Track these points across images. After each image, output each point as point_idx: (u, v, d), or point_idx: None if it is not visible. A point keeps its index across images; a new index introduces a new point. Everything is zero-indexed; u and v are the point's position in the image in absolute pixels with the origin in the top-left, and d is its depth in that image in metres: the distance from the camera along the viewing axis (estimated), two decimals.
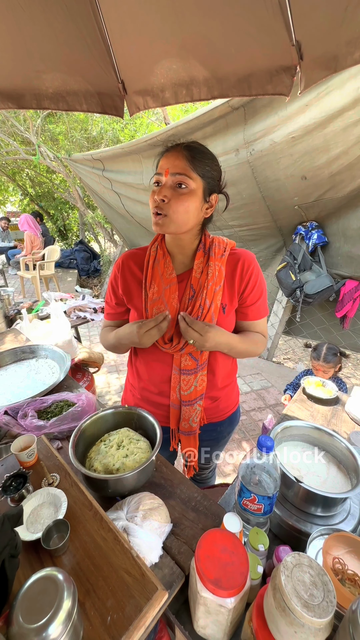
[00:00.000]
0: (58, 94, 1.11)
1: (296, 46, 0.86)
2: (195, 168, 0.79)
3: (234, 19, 0.85)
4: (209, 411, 1.03)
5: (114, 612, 0.45)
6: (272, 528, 0.73)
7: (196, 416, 0.98)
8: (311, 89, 1.64)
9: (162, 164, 0.82)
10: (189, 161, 0.79)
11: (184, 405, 0.96)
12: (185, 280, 0.91)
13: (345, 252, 2.48)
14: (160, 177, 0.80)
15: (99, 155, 3.54)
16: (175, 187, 0.78)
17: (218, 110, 2.09)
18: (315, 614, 0.37)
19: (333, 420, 1.16)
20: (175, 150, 0.81)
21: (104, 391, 2.95)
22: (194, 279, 0.89)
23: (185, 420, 0.98)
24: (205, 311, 0.87)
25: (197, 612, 0.53)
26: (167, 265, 0.90)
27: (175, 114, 5.70)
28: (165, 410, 1.01)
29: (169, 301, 0.88)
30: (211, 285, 0.87)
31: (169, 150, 0.82)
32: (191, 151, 0.81)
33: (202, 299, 0.87)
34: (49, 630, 0.36)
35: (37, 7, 0.87)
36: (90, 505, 0.62)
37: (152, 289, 0.89)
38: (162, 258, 0.91)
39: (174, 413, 0.99)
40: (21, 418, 0.95)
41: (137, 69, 1.07)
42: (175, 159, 0.79)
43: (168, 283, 0.89)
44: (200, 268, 0.89)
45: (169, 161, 0.79)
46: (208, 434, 1.07)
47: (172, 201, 0.78)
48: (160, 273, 0.90)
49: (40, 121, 5.68)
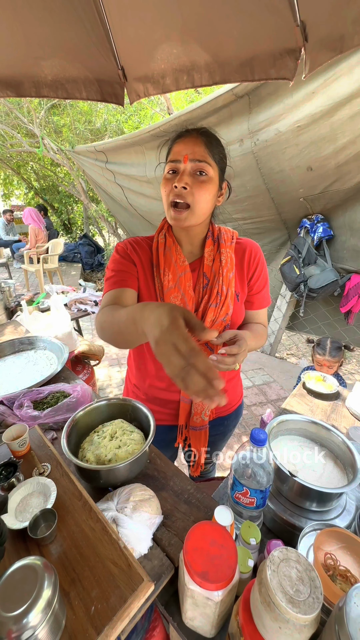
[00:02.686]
0: (57, 81, 1.09)
1: (301, 27, 0.83)
2: (213, 155, 0.77)
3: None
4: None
5: (99, 602, 0.45)
6: (266, 522, 0.72)
7: (208, 409, 0.97)
8: (316, 74, 1.61)
9: (178, 149, 0.77)
10: (207, 147, 0.76)
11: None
12: (197, 269, 0.89)
13: (351, 246, 2.42)
14: (178, 164, 0.75)
15: (102, 147, 3.51)
16: (195, 174, 0.75)
17: (222, 99, 2.04)
18: (301, 610, 0.36)
19: (333, 415, 1.14)
20: (191, 136, 0.77)
21: (105, 384, 2.96)
22: (206, 267, 0.87)
23: (197, 414, 0.97)
24: (223, 298, 0.85)
25: (185, 604, 0.53)
26: (178, 252, 0.87)
27: (179, 104, 5.62)
28: (174, 408, 0.99)
29: (185, 290, 0.85)
30: (225, 271, 0.86)
31: (184, 136, 0.78)
32: (208, 137, 0.78)
33: (219, 286, 0.85)
34: (27, 618, 0.35)
35: None
36: (80, 495, 0.61)
37: (166, 277, 0.85)
38: (172, 245, 0.87)
39: (185, 408, 0.97)
40: (17, 408, 0.95)
41: (137, 55, 1.05)
42: (194, 144, 0.75)
43: (182, 270, 0.86)
44: (211, 256, 0.87)
45: (187, 147, 0.75)
46: (216, 429, 1.07)
47: (194, 189, 0.74)
48: (173, 260, 0.86)
49: (43, 113, 5.64)
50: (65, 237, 9.10)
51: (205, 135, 0.78)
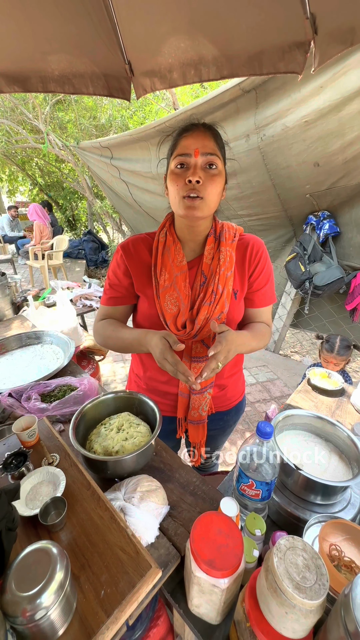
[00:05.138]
0: (64, 76, 1.09)
1: (310, 19, 0.82)
2: (220, 148, 0.78)
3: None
4: (216, 400, 1.02)
5: (108, 587, 0.46)
6: (271, 515, 0.73)
7: (205, 404, 0.97)
8: (325, 68, 1.59)
9: (186, 143, 0.76)
10: (216, 140, 0.77)
11: (193, 393, 0.95)
12: (195, 267, 0.89)
13: (358, 243, 2.40)
14: (188, 157, 0.75)
15: (107, 143, 3.50)
16: (206, 167, 0.75)
17: (229, 94, 2.03)
18: (307, 595, 0.37)
19: (337, 411, 1.14)
20: (199, 130, 0.77)
21: (109, 379, 2.98)
22: (204, 265, 0.87)
23: (195, 409, 0.97)
24: (218, 297, 0.85)
25: (192, 592, 0.54)
26: (177, 251, 0.88)
27: (185, 100, 5.58)
28: (173, 400, 1.00)
29: (181, 288, 0.86)
30: (223, 270, 0.86)
31: (191, 130, 0.78)
32: (214, 131, 0.79)
33: (215, 285, 0.85)
34: (41, 598, 0.36)
35: None
36: (89, 485, 0.63)
37: (162, 276, 0.87)
38: (172, 244, 0.88)
39: (183, 402, 0.98)
40: (25, 400, 0.96)
41: (144, 49, 1.04)
42: (204, 138, 0.76)
43: (179, 270, 0.87)
44: (210, 254, 0.88)
45: (197, 140, 0.75)
46: (215, 423, 1.07)
47: (207, 183, 0.75)
48: (170, 260, 0.87)
49: (48, 109, 5.63)
50: (70, 233, 9.13)
51: (211, 129, 0.79)
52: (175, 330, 0.87)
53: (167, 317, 0.86)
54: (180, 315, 0.86)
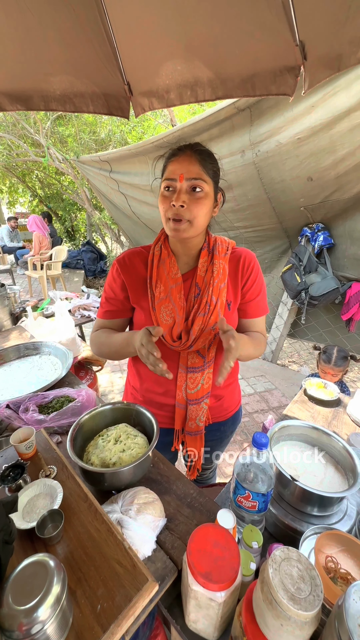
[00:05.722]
0: (65, 95, 1.13)
1: (300, 46, 0.86)
2: (207, 171, 0.80)
3: (238, 20, 0.86)
4: (213, 410, 1.03)
5: (104, 601, 0.46)
6: (268, 527, 0.73)
7: (202, 415, 0.98)
8: (316, 89, 1.66)
9: (173, 168, 0.80)
10: (201, 165, 0.79)
11: (190, 404, 0.96)
12: (190, 279, 0.92)
13: (352, 254, 2.45)
14: (174, 182, 0.79)
15: (106, 157, 3.58)
16: (190, 191, 0.78)
17: (224, 112, 2.10)
18: (302, 607, 0.37)
19: (334, 421, 1.15)
20: (185, 155, 0.80)
21: (107, 390, 2.97)
22: (199, 277, 0.90)
23: (192, 419, 0.98)
24: (211, 308, 0.88)
25: (189, 606, 0.53)
26: (172, 264, 0.91)
27: (182, 116, 5.73)
28: (170, 411, 1.01)
29: (176, 300, 0.89)
30: (216, 282, 0.88)
31: (178, 154, 0.81)
32: (201, 154, 0.81)
33: (209, 296, 0.87)
34: (37, 612, 0.36)
35: (46, 11, 0.89)
36: (86, 497, 0.63)
37: (158, 289, 0.89)
38: (167, 257, 0.91)
39: (180, 413, 0.99)
40: (22, 412, 0.96)
41: (142, 71, 1.09)
42: (189, 163, 0.79)
43: (174, 282, 0.89)
44: (204, 267, 0.90)
45: (182, 166, 0.79)
46: (212, 434, 1.07)
47: (192, 206, 0.78)
48: (165, 272, 0.90)
49: (49, 124, 5.77)
50: (69, 244, 9.20)
51: (198, 152, 0.81)
52: (171, 341, 0.89)
53: (163, 329, 0.88)
54: (176, 326, 0.88)
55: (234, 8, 0.83)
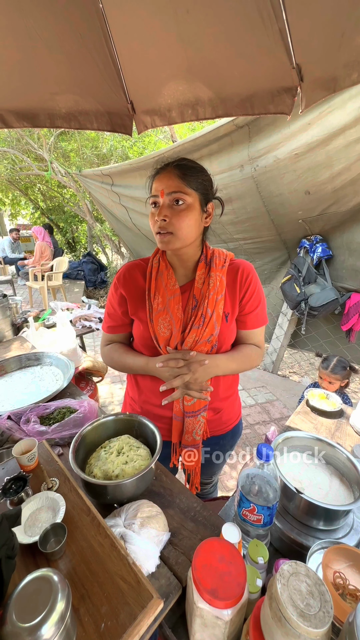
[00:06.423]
0: (70, 113, 1.18)
1: (296, 69, 0.90)
2: (188, 183, 0.82)
3: (237, 43, 0.90)
4: (211, 424, 1.02)
5: (108, 619, 0.45)
6: (273, 542, 0.72)
7: (199, 428, 0.97)
8: (312, 108, 1.71)
9: (155, 186, 0.84)
10: (181, 178, 0.82)
11: (187, 416, 0.95)
12: (187, 291, 0.93)
13: (350, 265, 2.48)
14: (157, 198, 0.83)
15: (108, 171, 3.67)
16: (173, 204, 0.81)
17: (223, 129, 2.17)
18: (312, 624, 0.36)
19: (337, 433, 1.14)
20: (165, 171, 0.84)
21: (107, 401, 2.94)
22: (196, 289, 0.91)
23: (189, 432, 0.97)
24: (207, 319, 0.88)
25: (194, 625, 0.52)
26: (170, 276, 0.92)
27: (182, 132, 5.90)
28: (167, 423, 1.00)
29: (174, 312, 0.90)
30: (212, 294, 0.89)
31: (160, 172, 0.85)
32: (181, 168, 0.84)
33: (204, 308, 0.88)
34: (41, 630, 0.35)
35: (53, 35, 0.93)
36: (89, 511, 0.62)
37: (156, 300, 0.91)
38: (164, 270, 0.93)
39: (177, 425, 0.98)
40: (24, 423, 0.96)
41: (145, 91, 1.13)
42: (168, 179, 0.82)
43: (172, 294, 0.91)
44: (202, 279, 0.92)
45: (163, 182, 0.82)
46: (211, 448, 1.06)
47: (174, 219, 0.81)
48: (163, 284, 0.91)
49: (53, 139, 5.93)
50: (69, 255, 9.30)
51: (178, 167, 0.84)
52: (166, 352, 0.90)
53: (160, 340, 0.90)
54: (173, 338, 0.89)
55: (234, 32, 0.87)
